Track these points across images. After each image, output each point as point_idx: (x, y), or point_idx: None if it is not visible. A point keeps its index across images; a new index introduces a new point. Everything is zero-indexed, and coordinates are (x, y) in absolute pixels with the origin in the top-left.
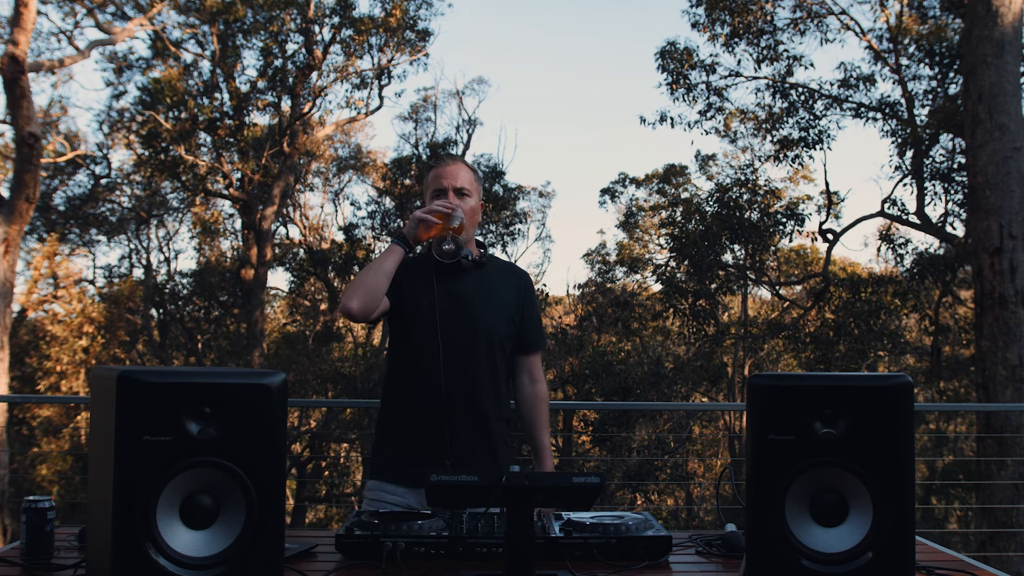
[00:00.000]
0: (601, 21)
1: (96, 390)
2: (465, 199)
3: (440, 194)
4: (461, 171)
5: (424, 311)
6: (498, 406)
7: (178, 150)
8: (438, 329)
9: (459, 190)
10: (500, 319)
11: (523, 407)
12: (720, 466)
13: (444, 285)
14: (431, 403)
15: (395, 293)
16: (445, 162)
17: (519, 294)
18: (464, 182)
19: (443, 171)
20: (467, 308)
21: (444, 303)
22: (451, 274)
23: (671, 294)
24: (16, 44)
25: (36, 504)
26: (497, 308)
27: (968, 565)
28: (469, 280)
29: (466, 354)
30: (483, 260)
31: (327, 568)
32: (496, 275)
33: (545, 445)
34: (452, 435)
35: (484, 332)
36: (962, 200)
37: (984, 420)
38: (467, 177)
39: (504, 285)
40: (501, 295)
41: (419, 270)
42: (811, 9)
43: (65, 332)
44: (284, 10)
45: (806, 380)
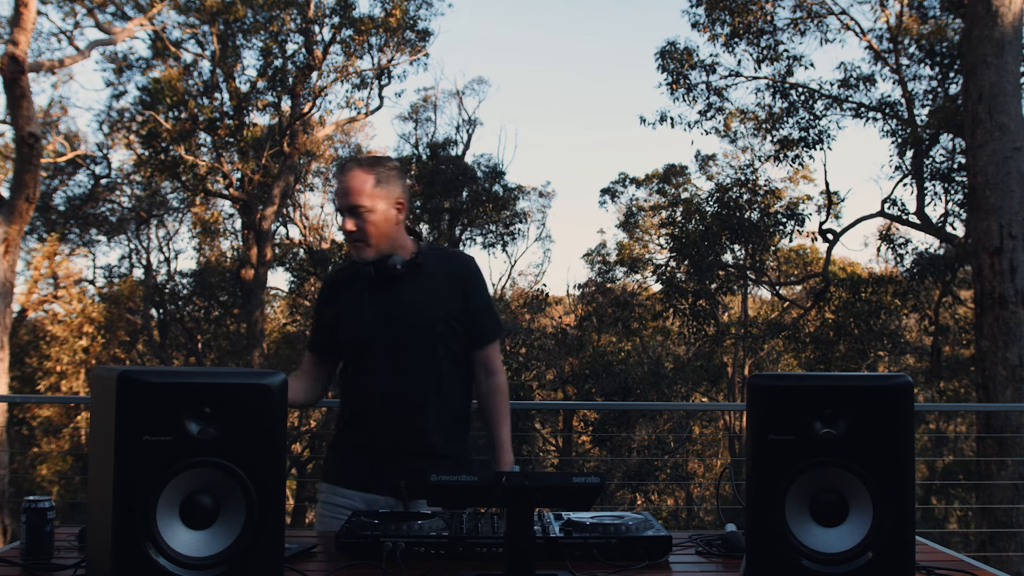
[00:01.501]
0: (601, 21)
1: (96, 390)
2: (366, 216)
3: (340, 215)
4: (356, 183)
5: (356, 328)
6: (447, 408)
7: (178, 150)
8: (370, 343)
9: (353, 209)
10: (439, 320)
11: (481, 402)
12: (720, 466)
13: (376, 297)
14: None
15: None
16: (340, 177)
17: (462, 288)
18: (359, 198)
19: (339, 187)
20: (401, 316)
21: (374, 316)
22: (383, 285)
23: (671, 294)
24: (16, 44)
25: (36, 504)
26: (435, 310)
27: (968, 565)
28: (403, 286)
29: (404, 362)
30: (418, 261)
31: (327, 568)
32: (436, 273)
33: (503, 440)
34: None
35: (421, 337)
36: (962, 200)
37: (984, 420)
38: (364, 189)
39: (444, 282)
40: (439, 295)
41: (352, 288)
42: (811, 9)
43: (65, 332)
44: (284, 10)
45: (806, 380)
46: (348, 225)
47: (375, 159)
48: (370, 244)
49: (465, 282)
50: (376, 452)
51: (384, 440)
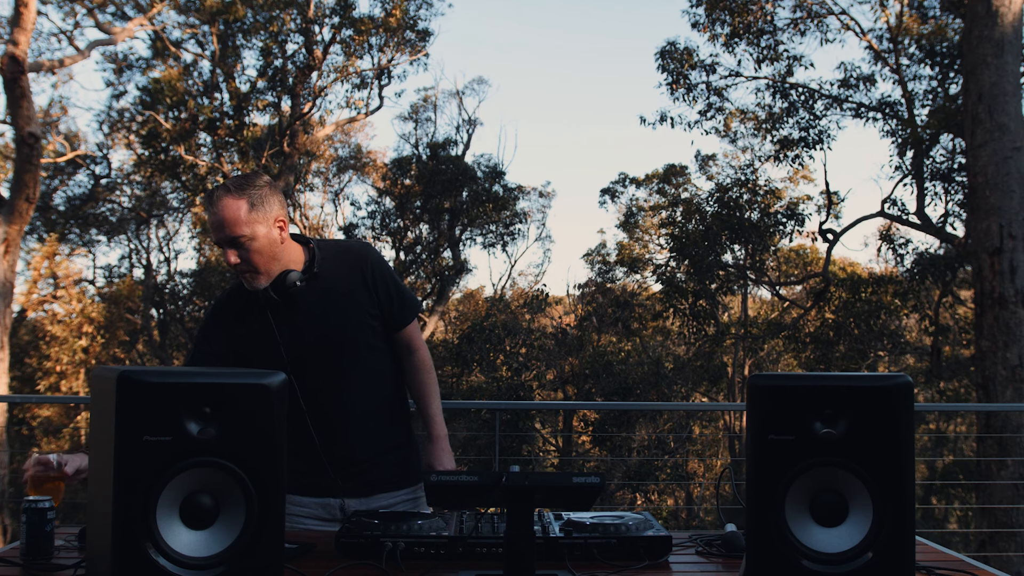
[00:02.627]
0: (601, 21)
1: (96, 390)
2: (248, 245)
3: (221, 247)
4: (230, 213)
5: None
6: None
7: (178, 150)
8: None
9: (233, 240)
10: (353, 324)
11: (406, 380)
12: (720, 466)
13: (283, 321)
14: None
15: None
16: (210, 208)
17: (368, 282)
18: (237, 228)
19: (213, 220)
20: (315, 334)
21: (288, 342)
22: (284, 305)
23: (671, 294)
24: (16, 44)
25: (36, 504)
26: (347, 314)
27: (968, 565)
28: (308, 301)
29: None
30: (315, 269)
31: (327, 568)
32: (337, 274)
33: (433, 415)
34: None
35: (341, 348)
36: (962, 200)
37: (984, 420)
38: (235, 217)
39: (348, 280)
40: (347, 296)
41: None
42: (811, 9)
43: (65, 332)
44: (284, 10)
45: (806, 380)
46: (231, 259)
47: (243, 181)
48: (259, 272)
49: (367, 272)
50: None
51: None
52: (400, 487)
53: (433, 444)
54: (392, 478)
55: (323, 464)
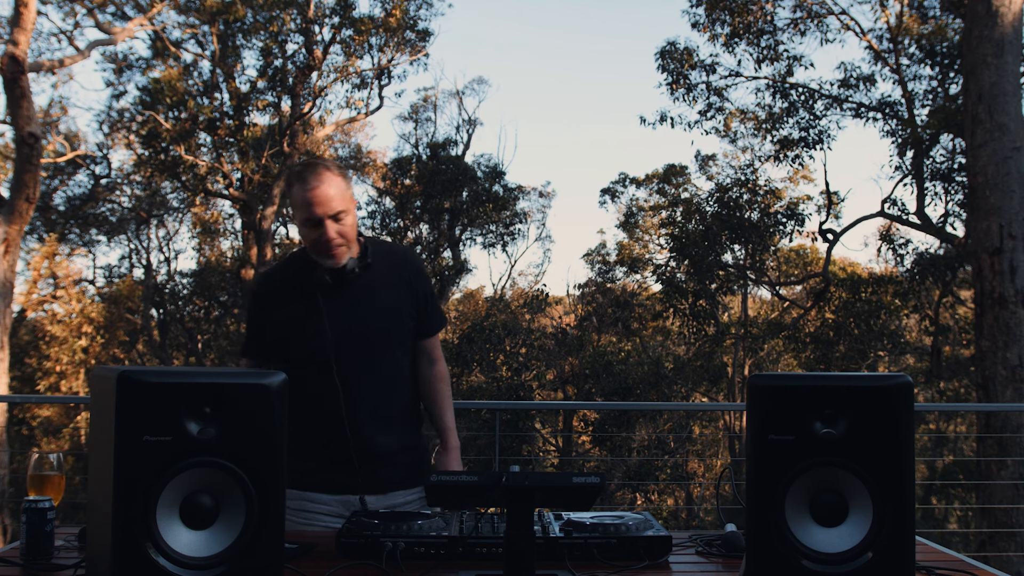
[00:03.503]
0: (601, 21)
1: (96, 390)
2: (344, 220)
3: (315, 224)
4: (332, 188)
5: (316, 336)
6: (405, 402)
7: (178, 150)
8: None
9: (335, 215)
10: (397, 321)
11: (424, 390)
12: (720, 466)
13: (333, 303)
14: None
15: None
16: (310, 183)
17: (410, 283)
18: (337, 203)
19: (314, 195)
20: (361, 320)
21: (335, 322)
22: (337, 289)
23: (671, 294)
24: (16, 44)
25: (36, 504)
26: (391, 308)
27: (968, 565)
28: (359, 288)
29: (367, 364)
30: (368, 260)
31: (327, 568)
32: (385, 271)
33: (449, 425)
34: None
35: (382, 338)
36: (962, 200)
37: (984, 420)
38: (338, 193)
39: (393, 280)
40: (392, 294)
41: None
42: (811, 9)
43: (65, 332)
44: (284, 10)
45: (806, 380)
46: (331, 232)
47: (332, 161)
48: (349, 248)
49: (412, 275)
50: (344, 461)
51: (350, 452)
52: (413, 486)
53: (447, 454)
54: (406, 477)
55: (349, 456)
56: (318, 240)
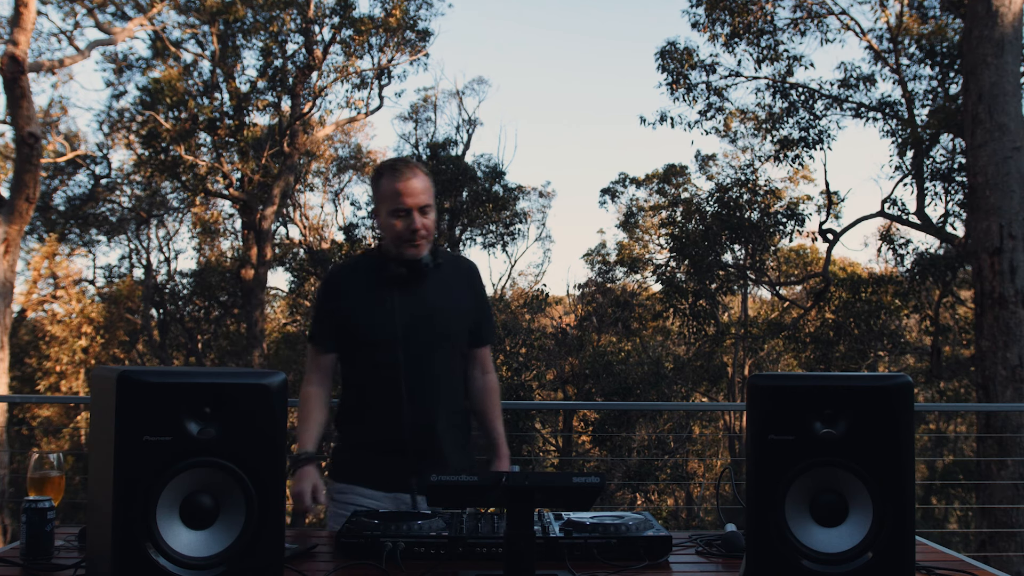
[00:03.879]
0: (601, 21)
1: (96, 390)
2: (429, 214)
3: (403, 214)
4: (421, 183)
5: (383, 325)
6: (459, 404)
7: (178, 150)
8: (398, 341)
9: (423, 208)
10: (460, 320)
11: (476, 399)
12: (720, 466)
13: (404, 293)
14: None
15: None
16: (404, 175)
17: (473, 290)
18: (425, 197)
19: (406, 187)
20: (429, 315)
21: (404, 314)
22: (411, 281)
23: (671, 294)
24: (16, 44)
25: (36, 504)
26: (457, 309)
27: (968, 565)
28: (429, 284)
29: (427, 360)
30: (439, 260)
31: (327, 568)
32: (451, 274)
33: (500, 433)
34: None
35: (444, 335)
36: (962, 200)
37: (984, 420)
38: (426, 188)
39: (459, 283)
40: (458, 295)
41: (371, 284)
42: (811, 9)
43: (65, 332)
44: (284, 10)
45: (806, 380)
46: (418, 222)
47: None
48: (430, 241)
49: (474, 283)
50: (399, 450)
51: (406, 438)
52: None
53: (500, 461)
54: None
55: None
56: (404, 229)
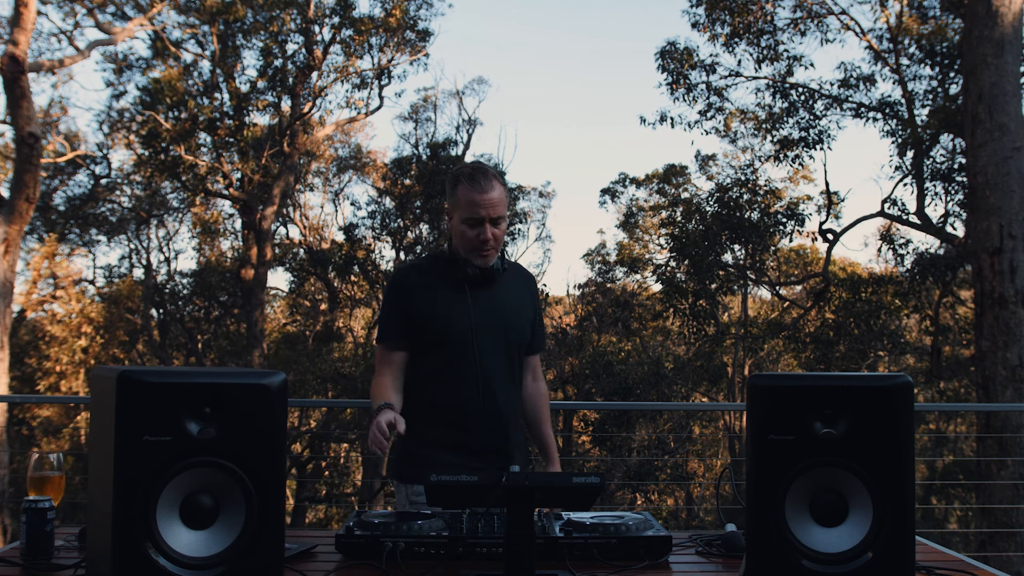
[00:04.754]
0: (601, 21)
1: (96, 390)
2: (500, 226)
3: (476, 223)
4: (498, 196)
5: (456, 326)
6: (519, 406)
7: (178, 150)
8: (470, 342)
9: (496, 220)
10: (523, 324)
11: (528, 404)
12: (720, 466)
13: (476, 295)
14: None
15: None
16: (483, 188)
17: (532, 298)
18: (500, 209)
19: (482, 199)
20: (498, 318)
21: (475, 315)
22: (482, 283)
23: (671, 294)
24: (16, 44)
25: (36, 504)
26: (520, 314)
27: (968, 565)
28: (497, 288)
29: (496, 360)
30: (504, 266)
31: (327, 568)
32: (515, 280)
33: (551, 440)
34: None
35: (511, 337)
36: (962, 200)
37: (984, 420)
38: (501, 199)
39: (521, 290)
40: (521, 301)
41: (442, 285)
42: (811, 9)
43: (64, 332)
44: (284, 10)
45: (806, 380)
46: (489, 233)
47: (497, 171)
48: (498, 251)
49: (532, 292)
50: (468, 448)
51: (477, 439)
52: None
53: (551, 465)
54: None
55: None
56: (475, 239)
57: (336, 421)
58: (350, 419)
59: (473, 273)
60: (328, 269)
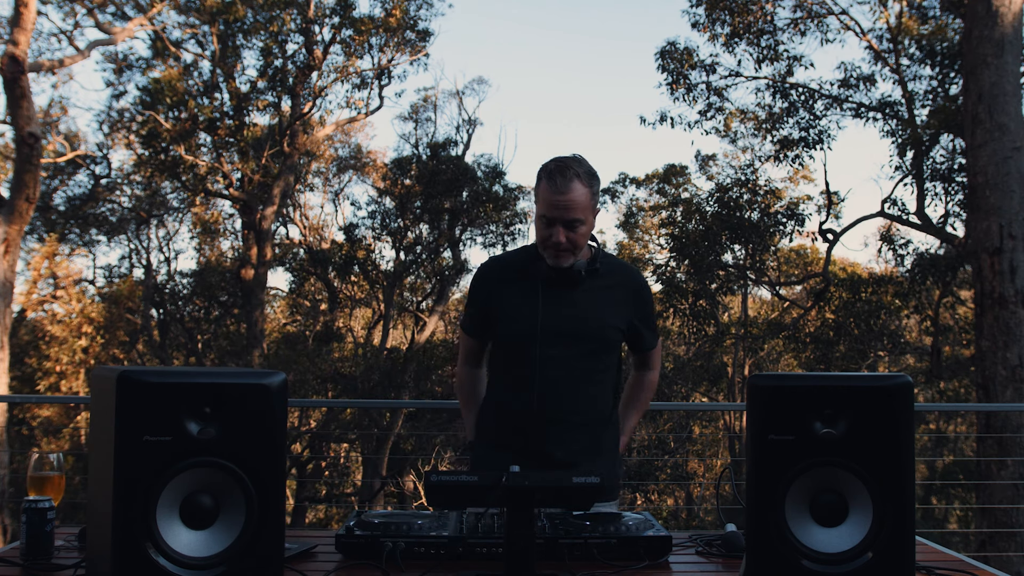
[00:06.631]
0: (601, 21)
1: (96, 390)
2: (579, 229)
3: (549, 223)
4: (576, 198)
5: (525, 326)
6: (599, 411)
7: (178, 150)
8: (537, 343)
9: (570, 223)
10: (602, 330)
11: (626, 390)
12: (720, 466)
13: (551, 295)
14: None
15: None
16: (559, 188)
17: (633, 301)
18: (578, 212)
19: (557, 199)
20: (572, 321)
21: (547, 316)
22: (560, 284)
23: (671, 294)
24: (16, 44)
25: (36, 504)
26: (605, 318)
27: (968, 565)
28: (579, 292)
29: (564, 366)
30: (596, 267)
31: (327, 568)
32: (610, 282)
33: (628, 422)
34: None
35: (585, 345)
36: (962, 200)
37: (984, 420)
38: (582, 203)
39: (617, 292)
40: (611, 304)
41: (523, 283)
42: (811, 9)
43: (65, 332)
44: (284, 10)
45: (806, 380)
46: (560, 237)
47: (588, 167)
48: (575, 255)
49: (637, 296)
50: (512, 448)
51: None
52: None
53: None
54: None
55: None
56: (547, 238)
57: (336, 421)
58: (350, 419)
59: (547, 273)
60: (328, 269)
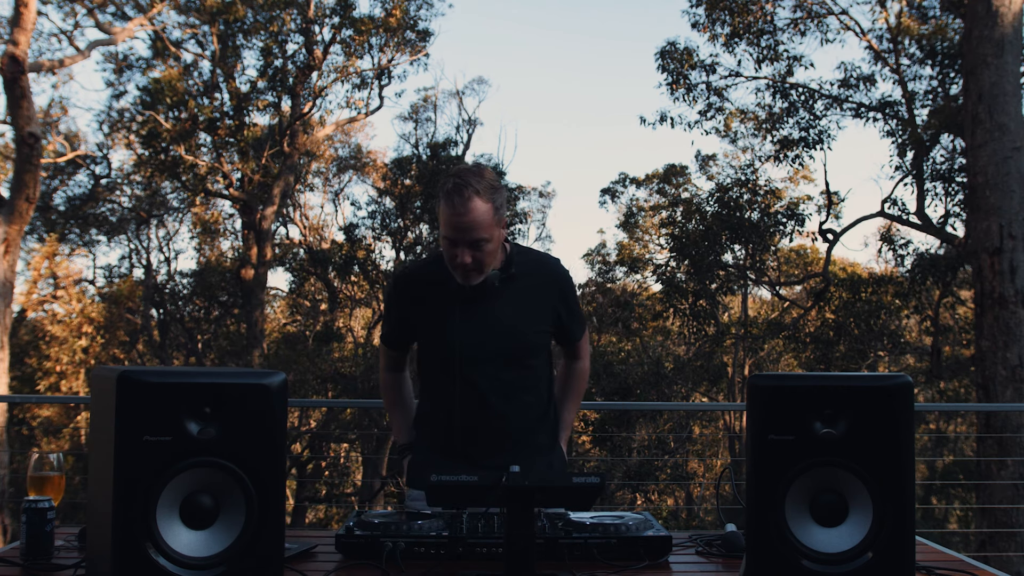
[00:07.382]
0: (601, 21)
1: (96, 390)
2: (484, 247)
3: (453, 243)
4: (477, 217)
5: (446, 342)
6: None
7: (178, 150)
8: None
9: (474, 243)
10: (531, 333)
11: (557, 382)
12: (720, 466)
13: (468, 311)
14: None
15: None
16: (456, 208)
17: (554, 296)
18: (481, 231)
19: (458, 221)
20: (493, 333)
21: (467, 331)
22: (476, 300)
23: (671, 294)
24: (16, 44)
25: (36, 504)
26: (527, 323)
27: (968, 565)
28: (496, 301)
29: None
30: (512, 271)
31: (327, 568)
32: (528, 283)
33: (565, 418)
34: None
35: (510, 353)
36: (962, 200)
37: (984, 420)
38: (484, 221)
39: (536, 291)
40: (532, 306)
41: (439, 296)
42: (811, 9)
43: (65, 332)
44: (284, 10)
45: (806, 380)
46: (465, 258)
47: (488, 182)
48: (483, 272)
49: (559, 290)
50: (470, 460)
51: (473, 448)
52: None
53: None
54: None
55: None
56: (452, 259)
57: (336, 421)
58: (350, 419)
59: (457, 289)
60: (328, 269)
